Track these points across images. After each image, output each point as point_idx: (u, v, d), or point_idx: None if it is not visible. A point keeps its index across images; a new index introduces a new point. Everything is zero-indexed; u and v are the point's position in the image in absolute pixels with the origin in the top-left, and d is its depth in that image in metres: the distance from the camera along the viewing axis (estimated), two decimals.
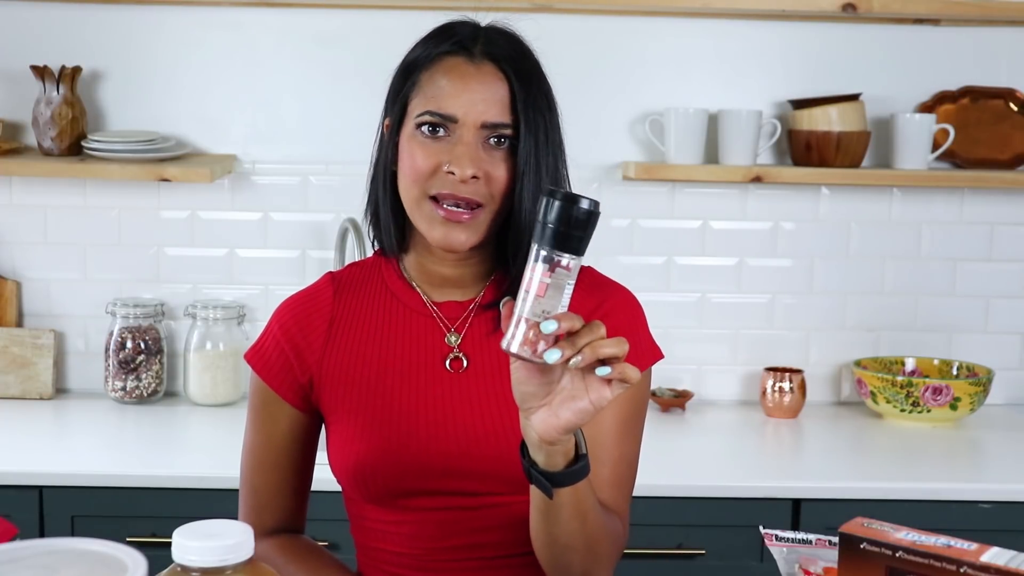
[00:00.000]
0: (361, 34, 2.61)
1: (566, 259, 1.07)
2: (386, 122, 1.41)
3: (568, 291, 1.08)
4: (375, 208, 1.42)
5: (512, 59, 1.35)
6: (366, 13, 2.61)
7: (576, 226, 1.07)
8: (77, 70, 2.54)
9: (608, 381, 1.09)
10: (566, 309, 1.08)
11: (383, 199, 1.40)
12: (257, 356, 1.44)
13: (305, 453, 1.46)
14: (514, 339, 1.08)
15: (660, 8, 2.58)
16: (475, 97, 1.32)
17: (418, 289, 1.42)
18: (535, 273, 1.07)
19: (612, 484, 1.35)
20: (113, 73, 2.63)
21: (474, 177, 1.31)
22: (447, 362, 1.39)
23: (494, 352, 1.38)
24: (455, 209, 1.32)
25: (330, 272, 1.47)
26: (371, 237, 1.46)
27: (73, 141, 2.53)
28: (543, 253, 1.07)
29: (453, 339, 1.39)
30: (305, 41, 2.64)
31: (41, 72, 2.52)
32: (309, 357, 1.41)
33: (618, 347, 1.07)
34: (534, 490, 1.20)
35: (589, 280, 1.41)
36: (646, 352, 1.40)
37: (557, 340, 1.07)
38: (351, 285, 1.44)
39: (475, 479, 1.35)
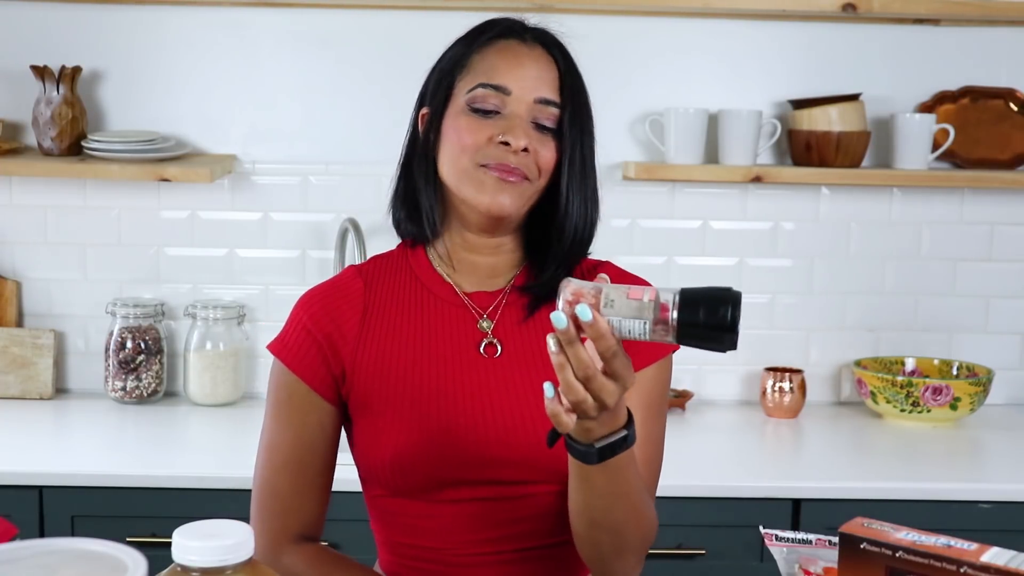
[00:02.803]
0: (362, 34, 2.61)
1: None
2: (422, 112, 1.43)
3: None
4: (413, 196, 1.43)
5: (560, 47, 1.42)
6: (367, 13, 2.61)
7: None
8: (77, 70, 2.54)
9: None
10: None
11: (424, 186, 1.41)
12: (285, 348, 1.41)
13: (331, 452, 1.43)
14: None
15: (660, 8, 2.58)
16: (529, 73, 1.37)
17: (448, 279, 1.43)
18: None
19: (640, 464, 1.34)
20: (113, 73, 2.63)
21: (525, 150, 1.35)
22: (481, 348, 1.40)
23: (527, 338, 1.40)
24: (506, 172, 1.35)
25: (353, 265, 1.48)
26: (400, 229, 1.47)
27: (73, 141, 2.53)
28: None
29: (486, 325, 1.41)
30: (305, 41, 2.63)
31: (41, 72, 2.52)
32: (343, 348, 1.40)
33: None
34: (571, 460, 1.21)
35: (613, 274, 1.44)
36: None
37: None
38: (379, 277, 1.45)
39: (511, 467, 1.35)
